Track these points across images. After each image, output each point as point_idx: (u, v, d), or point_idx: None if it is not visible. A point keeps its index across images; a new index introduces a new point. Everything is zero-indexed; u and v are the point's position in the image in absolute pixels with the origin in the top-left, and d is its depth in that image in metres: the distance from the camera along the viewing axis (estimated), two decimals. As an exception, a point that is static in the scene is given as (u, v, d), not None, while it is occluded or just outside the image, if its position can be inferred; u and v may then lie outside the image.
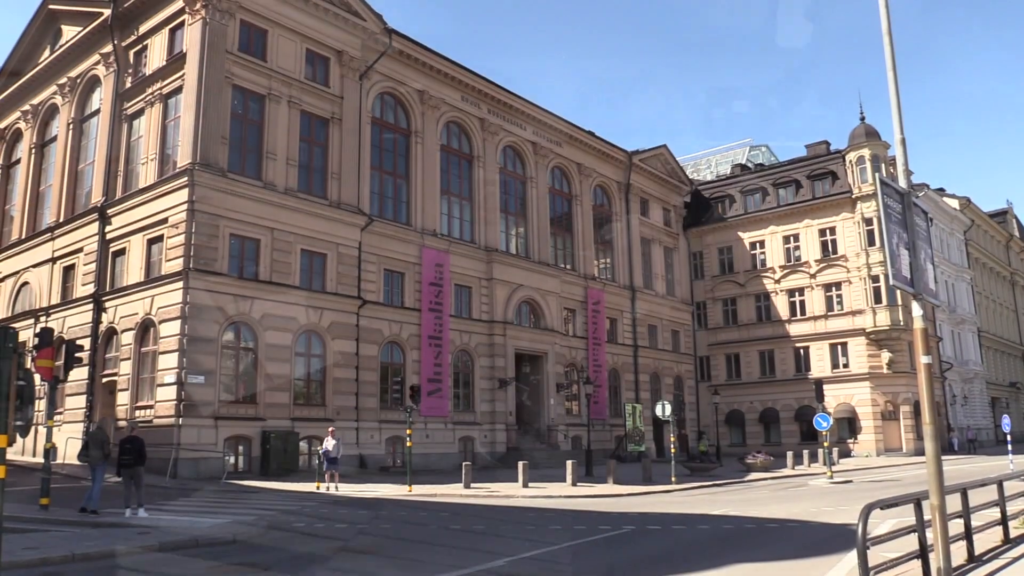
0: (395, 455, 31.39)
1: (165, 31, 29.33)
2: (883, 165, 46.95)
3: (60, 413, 28.37)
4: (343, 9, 31.78)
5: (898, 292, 43.19)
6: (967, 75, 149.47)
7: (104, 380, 28.55)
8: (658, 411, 30.54)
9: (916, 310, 7.59)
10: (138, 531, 13.75)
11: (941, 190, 62.76)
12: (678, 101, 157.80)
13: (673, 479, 27.26)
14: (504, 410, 36.74)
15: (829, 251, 49.76)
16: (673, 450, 29.68)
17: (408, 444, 25.16)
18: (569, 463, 25.98)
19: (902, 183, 7.94)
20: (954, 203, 62.37)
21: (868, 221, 46.64)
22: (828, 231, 49.89)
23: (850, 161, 48.86)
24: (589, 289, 43.95)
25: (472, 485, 23.91)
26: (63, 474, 23.38)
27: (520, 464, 24.91)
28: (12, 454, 15.88)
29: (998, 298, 72.97)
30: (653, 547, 13.35)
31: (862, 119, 49.27)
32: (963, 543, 9.35)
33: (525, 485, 24.11)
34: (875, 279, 46.36)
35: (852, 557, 9.57)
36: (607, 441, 42.34)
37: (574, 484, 25.20)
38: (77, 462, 19.01)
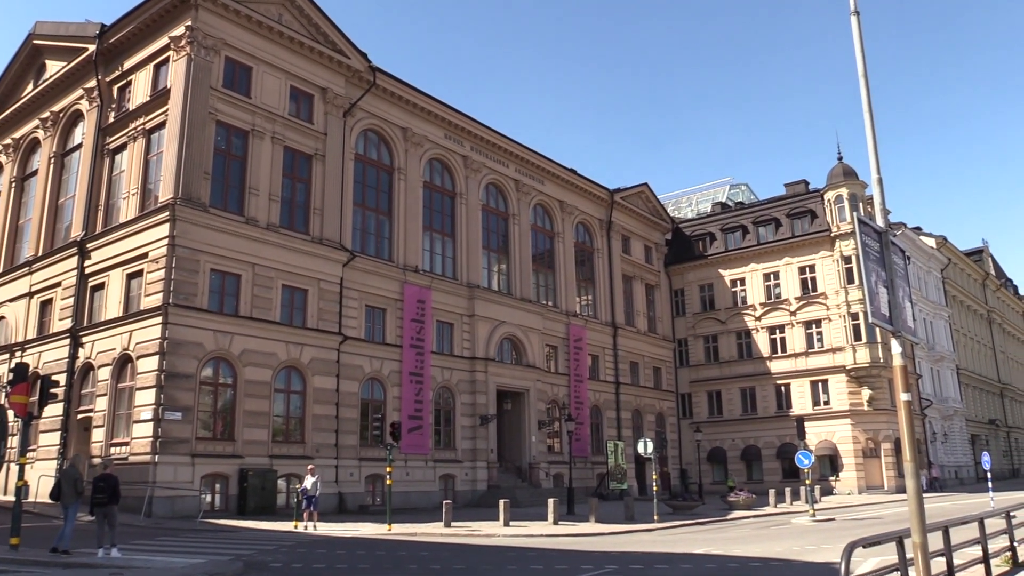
0: (375, 493, 31.01)
1: (150, 67, 29.42)
2: (861, 204, 47.63)
3: (33, 450, 27.90)
4: (328, 47, 32.06)
5: (877, 329, 43.58)
6: (943, 115, 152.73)
7: (79, 416, 28.08)
8: (640, 448, 30.43)
9: (895, 347, 7.64)
10: (111, 572, 13.43)
11: (918, 229, 63.67)
12: (659, 139, 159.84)
13: (656, 517, 27.08)
14: (485, 447, 36.46)
15: (809, 289, 50.16)
16: (655, 488, 29.50)
17: (388, 482, 24.88)
18: (551, 501, 25.72)
19: (880, 222, 8.06)
20: (931, 242, 63.23)
21: (847, 259, 47.17)
22: (808, 269, 50.35)
23: (828, 200, 49.51)
24: (571, 326, 43.99)
25: (453, 524, 23.62)
26: (35, 513, 22.86)
27: (501, 502, 24.66)
28: (-18, 492, 15.52)
29: (976, 335, 73.71)
30: (636, 587, 13.19)
31: (840, 159, 50.05)
32: (946, 582, 9.32)
33: (506, 524, 23.84)
34: (855, 316, 46.67)
35: (835, 596, 9.48)
36: (589, 479, 42.09)
37: (556, 522, 24.94)
38: (49, 500, 18.61)
